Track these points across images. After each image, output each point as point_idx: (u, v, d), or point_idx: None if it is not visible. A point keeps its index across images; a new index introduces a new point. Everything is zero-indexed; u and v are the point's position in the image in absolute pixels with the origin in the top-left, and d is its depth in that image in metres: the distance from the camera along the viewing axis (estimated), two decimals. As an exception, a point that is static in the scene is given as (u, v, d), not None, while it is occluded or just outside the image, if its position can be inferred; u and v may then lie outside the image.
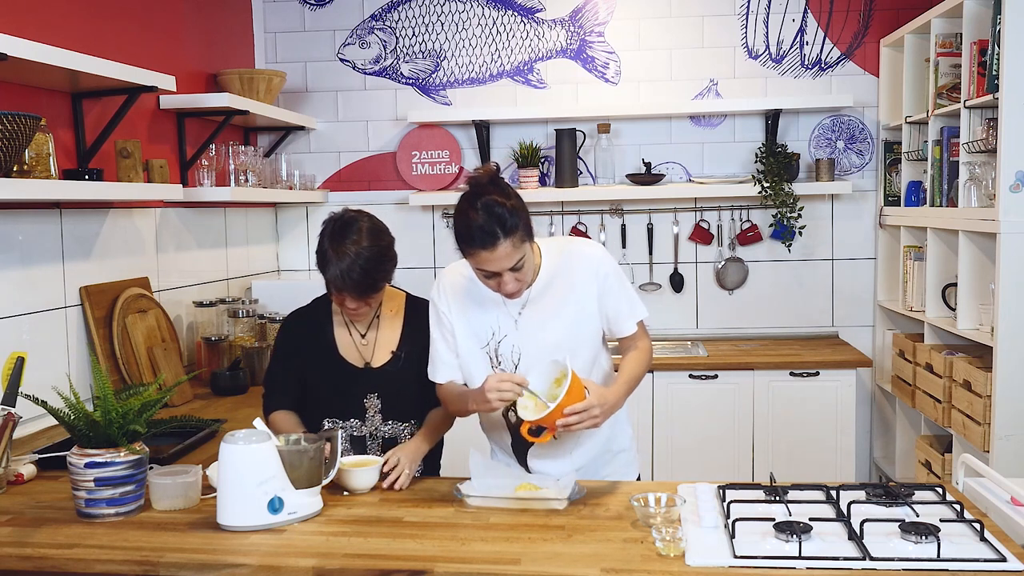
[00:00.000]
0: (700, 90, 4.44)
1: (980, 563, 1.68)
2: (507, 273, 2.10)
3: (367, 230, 2.27)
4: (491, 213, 2.04)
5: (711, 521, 1.90)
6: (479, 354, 2.29)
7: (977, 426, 3.20)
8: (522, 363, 2.26)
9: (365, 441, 2.40)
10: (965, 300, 3.38)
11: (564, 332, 2.25)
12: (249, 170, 3.88)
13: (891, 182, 4.33)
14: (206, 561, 1.79)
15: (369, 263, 2.23)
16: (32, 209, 2.83)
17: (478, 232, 2.04)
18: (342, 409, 2.39)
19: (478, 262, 2.10)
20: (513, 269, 2.10)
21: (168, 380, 3.17)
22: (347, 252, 2.21)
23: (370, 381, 2.38)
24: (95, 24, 3.16)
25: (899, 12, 4.29)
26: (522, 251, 2.10)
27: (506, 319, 2.26)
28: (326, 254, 2.24)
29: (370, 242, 2.25)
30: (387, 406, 2.40)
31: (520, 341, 2.26)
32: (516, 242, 2.07)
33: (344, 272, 2.21)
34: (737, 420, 4.00)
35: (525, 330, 2.25)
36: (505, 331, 2.27)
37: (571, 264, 2.26)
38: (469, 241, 2.07)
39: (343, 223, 2.27)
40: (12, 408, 2.21)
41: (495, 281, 2.14)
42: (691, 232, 4.50)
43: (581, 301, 2.25)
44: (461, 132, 4.55)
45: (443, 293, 2.32)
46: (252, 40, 4.55)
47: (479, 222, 2.04)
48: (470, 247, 2.07)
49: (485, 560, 1.77)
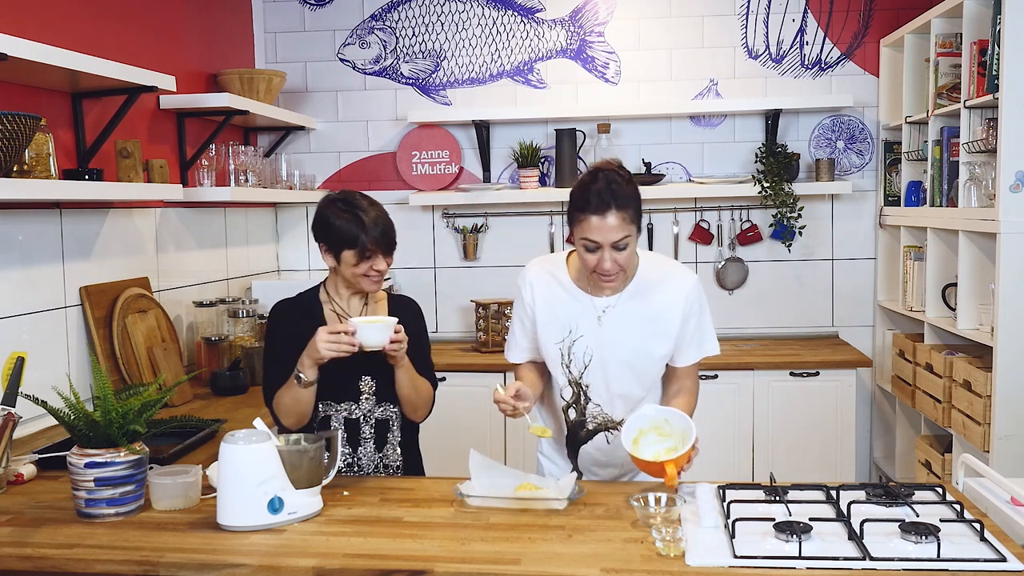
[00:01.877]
0: (700, 90, 4.44)
1: (980, 563, 1.68)
2: (608, 249, 2.16)
3: (363, 196, 2.39)
4: (610, 185, 2.14)
5: (711, 521, 1.90)
6: (553, 349, 2.36)
7: (977, 426, 3.20)
8: (593, 365, 2.32)
9: (359, 424, 2.41)
10: (965, 300, 3.38)
11: (641, 344, 2.32)
12: (249, 170, 3.88)
13: (891, 182, 4.33)
14: (206, 561, 1.79)
15: (388, 219, 2.36)
16: (32, 209, 2.83)
17: (595, 197, 2.13)
18: (337, 392, 2.40)
19: (586, 230, 2.16)
20: (616, 248, 2.16)
21: (168, 380, 3.17)
22: (368, 213, 2.32)
23: (365, 362, 2.38)
24: (95, 24, 3.16)
25: (899, 12, 4.29)
26: (629, 232, 2.16)
27: (587, 318, 2.32)
28: (357, 219, 2.31)
29: (374, 203, 2.37)
30: (380, 388, 2.42)
31: (595, 343, 2.31)
32: (626, 219, 2.15)
33: (378, 229, 2.31)
34: (737, 420, 4.00)
35: (605, 331, 2.31)
36: (582, 331, 2.32)
37: (665, 282, 2.33)
38: (584, 206, 2.14)
39: (342, 196, 2.38)
40: (12, 408, 2.21)
41: (595, 256, 2.18)
42: (691, 232, 4.50)
43: (665, 320, 2.32)
44: (461, 132, 4.55)
45: (528, 282, 2.40)
46: (252, 40, 4.55)
47: (598, 188, 2.14)
48: (583, 212, 2.15)
49: (485, 560, 1.77)
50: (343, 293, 2.45)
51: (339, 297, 2.45)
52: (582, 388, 2.36)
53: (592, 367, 2.33)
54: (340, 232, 2.31)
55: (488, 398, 3.99)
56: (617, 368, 2.33)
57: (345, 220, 2.31)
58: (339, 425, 2.40)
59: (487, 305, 4.26)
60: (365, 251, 2.30)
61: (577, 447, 2.43)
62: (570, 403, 2.39)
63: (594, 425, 2.39)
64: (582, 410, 2.39)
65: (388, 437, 2.43)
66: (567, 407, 2.40)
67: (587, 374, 2.34)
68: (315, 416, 2.39)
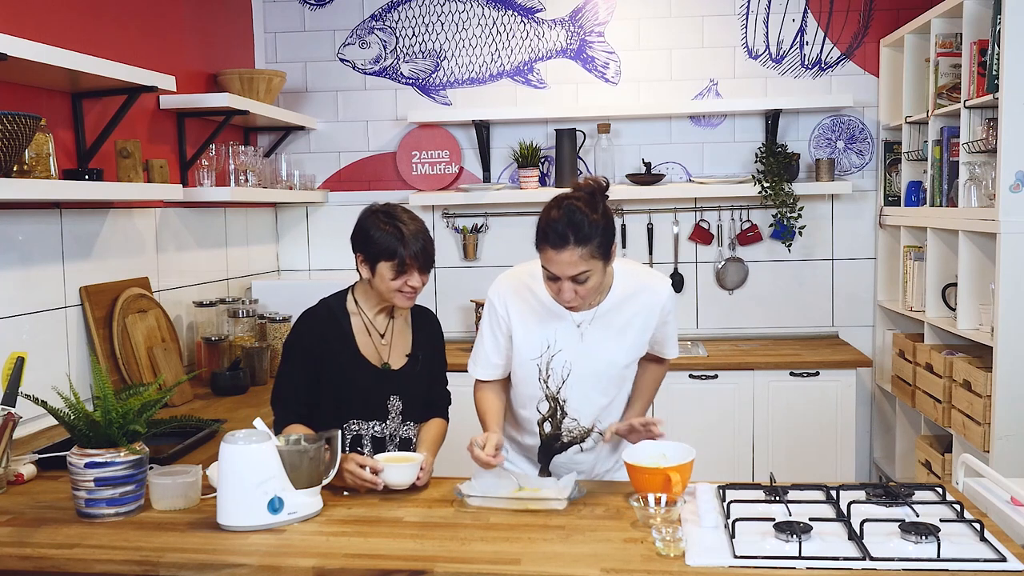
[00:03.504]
0: (700, 90, 4.44)
1: (980, 563, 1.68)
2: (567, 281, 2.13)
3: (404, 211, 2.35)
4: (571, 217, 2.08)
5: (711, 521, 1.90)
6: (529, 364, 2.33)
7: (977, 426, 3.20)
8: (571, 379, 2.30)
9: (385, 442, 2.41)
10: (965, 300, 3.38)
11: (621, 355, 2.33)
12: (249, 170, 3.88)
13: (891, 182, 4.33)
14: (206, 561, 1.79)
15: (428, 236, 2.33)
16: (32, 209, 2.83)
17: (551, 230, 2.09)
18: (366, 410, 2.39)
19: (544, 260, 2.15)
20: (575, 280, 2.12)
21: (168, 380, 3.17)
22: (410, 228, 2.28)
23: (393, 383, 2.40)
24: (95, 24, 3.16)
25: (899, 12, 4.29)
26: (589, 266, 2.11)
27: (565, 332, 2.30)
28: (398, 231, 2.27)
29: (415, 219, 2.34)
30: (407, 408, 2.43)
31: (573, 357, 2.30)
32: (585, 254, 2.09)
33: (418, 243, 2.27)
34: (737, 420, 4.00)
35: (586, 345, 2.30)
36: (560, 346, 2.30)
37: (641, 293, 2.33)
38: (542, 237, 2.12)
39: (385, 209, 2.34)
40: (12, 408, 2.21)
41: (555, 286, 2.16)
42: (691, 232, 4.50)
43: (642, 330, 2.33)
44: (461, 132, 4.55)
45: (502, 295, 2.37)
46: (252, 40, 4.55)
47: (555, 220, 2.09)
48: (541, 242, 2.13)
49: (485, 560, 1.77)
50: (372, 305, 2.41)
51: (367, 307, 2.41)
52: (559, 403, 2.34)
53: (570, 381, 2.31)
54: (379, 243, 2.28)
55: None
56: (594, 379, 2.33)
57: (385, 232, 2.28)
58: (368, 443, 2.40)
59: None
60: (404, 264, 2.27)
61: (550, 458, 2.41)
62: (546, 416, 2.36)
63: (569, 439, 2.38)
64: (557, 424, 2.37)
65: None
66: (542, 420, 2.38)
67: (564, 388, 2.32)
68: (345, 433, 2.38)
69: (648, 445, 2.19)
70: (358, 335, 2.39)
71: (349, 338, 2.38)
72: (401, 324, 2.46)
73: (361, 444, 2.39)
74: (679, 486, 1.97)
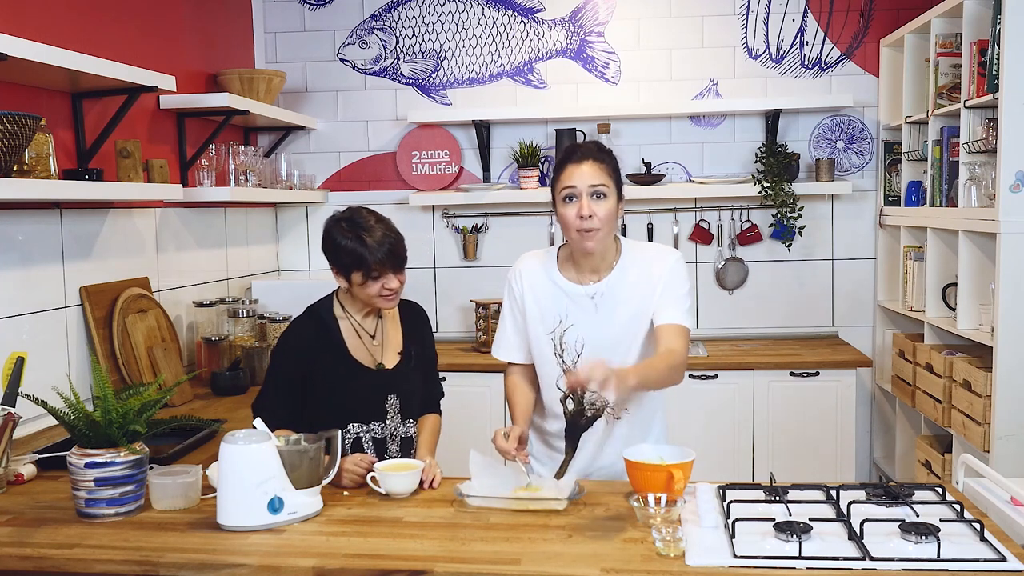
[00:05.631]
0: (700, 90, 4.44)
1: (980, 563, 1.68)
2: (586, 197, 2.23)
3: (369, 213, 2.36)
4: (590, 143, 2.34)
5: (711, 521, 1.90)
6: (544, 340, 2.37)
7: (977, 426, 3.20)
8: (585, 354, 2.31)
9: (386, 442, 2.42)
10: (965, 300, 3.38)
11: (628, 324, 2.35)
12: (249, 170, 3.88)
13: (891, 182, 4.33)
14: (206, 561, 1.79)
15: (395, 235, 2.34)
16: (32, 209, 2.83)
17: (573, 150, 2.29)
18: (365, 413, 2.39)
19: (564, 179, 2.26)
20: (594, 196, 2.23)
21: (168, 380, 3.16)
22: (374, 231, 2.29)
23: (389, 382, 2.40)
24: (95, 24, 3.16)
25: (899, 12, 4.29)
26: (606, 182, 2.25)
27: (577, 306, 2.35)
28: (360, 239, 2.28)
29: (381, 220, 2.35)
30: (404, 406, 2.43)
31: (586, 330, 2.33)
32: (604, 170, 2.26)
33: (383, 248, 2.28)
34: (737, 420, 4.00)
35: (599, 315, 2.34)
36: (572, 320, 2.34)
37: (649, 258, 2.38)
38: (564, 158, 2.29)
39: (347, 216, 2.34)
40: (12, 408, 2.21)
41: (575, 208, 2.24)
42: (691, 232, 4.50)
43: (645, 296, 2.34)
44: (461, 132, 4.55)
45: (518, 273, 2.44)
46: (252, 40, 4.55)
47: (577, 144, 2.33)
48: (563, 163, 2.28)
49: (485, 560, 1.77)
50: (358, 308, 2.42)
51: (354, 311, 2.42)
52: None
53: (585, 355, 2.31)
54: (345, 254, 2.29)
55: (488, 398, 4.03)
56: (609, 350, 2.30)
57: (349, 240, 2.28)
58: (369, 445, 2.40)
59: (487, 305, 4.26)
60: (371, 272, 2.28)
61: (578, 436, 2.38)
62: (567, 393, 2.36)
63: (592, 412, 2.36)
64: (579, 399, 2.36)
65: (412, 454, 2.45)
66: (564, 398, 2.37)
67: (580, 362, 2.31)
68: (345, 436, 2.37)
69: (646, 448, 2.18)
70: (348, 339, 2.40)
71: (340, 344, 2.38)
72: (390, 322, 2.47)
73: (362, 447, 2.39)
74: (681, 483, 1.97)
